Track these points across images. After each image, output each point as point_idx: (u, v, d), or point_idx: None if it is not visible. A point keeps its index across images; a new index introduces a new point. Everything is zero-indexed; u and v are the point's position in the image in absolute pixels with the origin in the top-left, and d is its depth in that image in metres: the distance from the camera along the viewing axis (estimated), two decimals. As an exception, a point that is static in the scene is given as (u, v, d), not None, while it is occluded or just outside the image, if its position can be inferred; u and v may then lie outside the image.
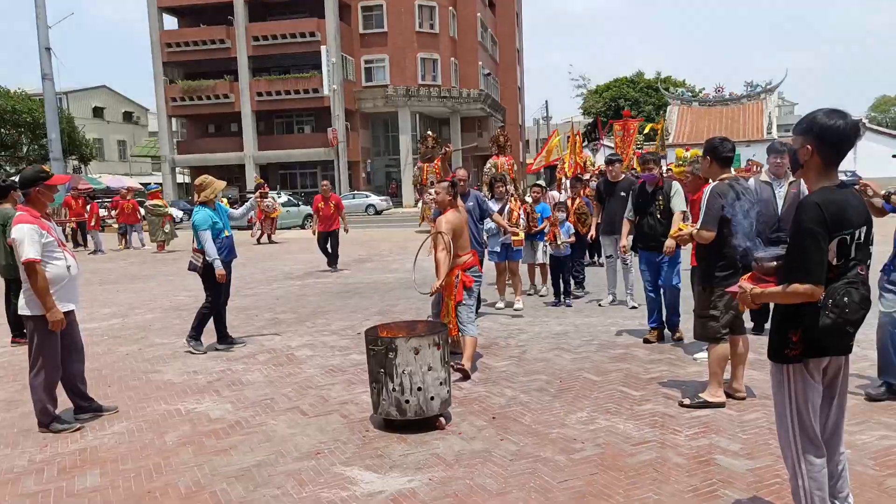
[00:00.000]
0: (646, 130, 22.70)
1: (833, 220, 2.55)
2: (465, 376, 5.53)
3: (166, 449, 4.38)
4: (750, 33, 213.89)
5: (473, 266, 5.78)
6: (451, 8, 45.46)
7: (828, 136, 2.62)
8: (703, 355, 5.83)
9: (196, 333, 6.88)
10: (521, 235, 8.40)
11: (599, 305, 8.52)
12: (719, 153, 4.65)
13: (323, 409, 5.04)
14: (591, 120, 59.31)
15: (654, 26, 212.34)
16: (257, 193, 8.21)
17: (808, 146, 2.66)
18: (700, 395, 4.78)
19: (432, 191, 5.84)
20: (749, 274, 2.95)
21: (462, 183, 7.41)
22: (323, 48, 38.99)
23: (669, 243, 5.94)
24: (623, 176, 8.35)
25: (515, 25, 59.55)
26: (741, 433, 4.24)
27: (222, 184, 6.95)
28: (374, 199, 37.38)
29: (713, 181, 4.74)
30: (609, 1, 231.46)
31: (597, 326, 7.41)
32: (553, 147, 15.73)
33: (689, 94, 47.96)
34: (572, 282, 8.95)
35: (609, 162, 8.47)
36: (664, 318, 6.75)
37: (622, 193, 7.95)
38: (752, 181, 5.86)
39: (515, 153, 43.70)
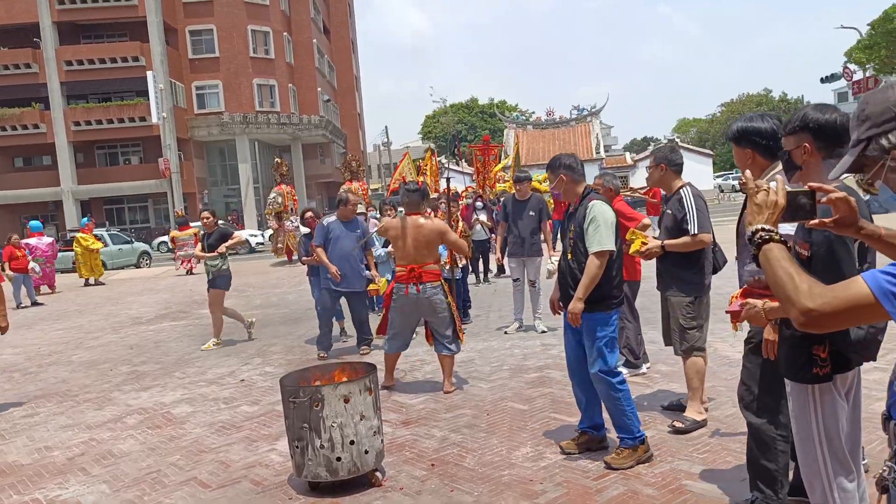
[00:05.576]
0: (511, 155, 23.48)
1: None
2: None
3: (32, 557, 3.42)
4: (572, 62, 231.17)
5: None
6: (285, 33, 44.22)
7: (825, 131, 2.47)
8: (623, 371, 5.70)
9: None
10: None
11: (505, 333, 7.86)
12: (673, 161, 4.56)
13: (227, 478, 4.25)
14: (427, 145, 60.44)
15: (483, 55, 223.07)
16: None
17: (806, 144, 2.50)
18: (686, 415, 4.50)
19: (388, 215, 5.35)
20: (741, 290, 2.75)
21: (352, 207, 7.23)
22: (149, 73, 36.18)
23: (574, 308, 3.90)
24: (531, 194, 7.93)
25: (351, 52, 59.39)
26: (696, 453, 4.06)
27: None
28: (215, 231, 35.16)
29: (665, 188, 4.64)
30: (436, 31, 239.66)
31: (499, 350, 7.12)
32: (404, 170, 15.64)
33: (523, 117, 50.21)
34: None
35: (518, 180, 7.98)
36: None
37: (531, 213, 7.71)
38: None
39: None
